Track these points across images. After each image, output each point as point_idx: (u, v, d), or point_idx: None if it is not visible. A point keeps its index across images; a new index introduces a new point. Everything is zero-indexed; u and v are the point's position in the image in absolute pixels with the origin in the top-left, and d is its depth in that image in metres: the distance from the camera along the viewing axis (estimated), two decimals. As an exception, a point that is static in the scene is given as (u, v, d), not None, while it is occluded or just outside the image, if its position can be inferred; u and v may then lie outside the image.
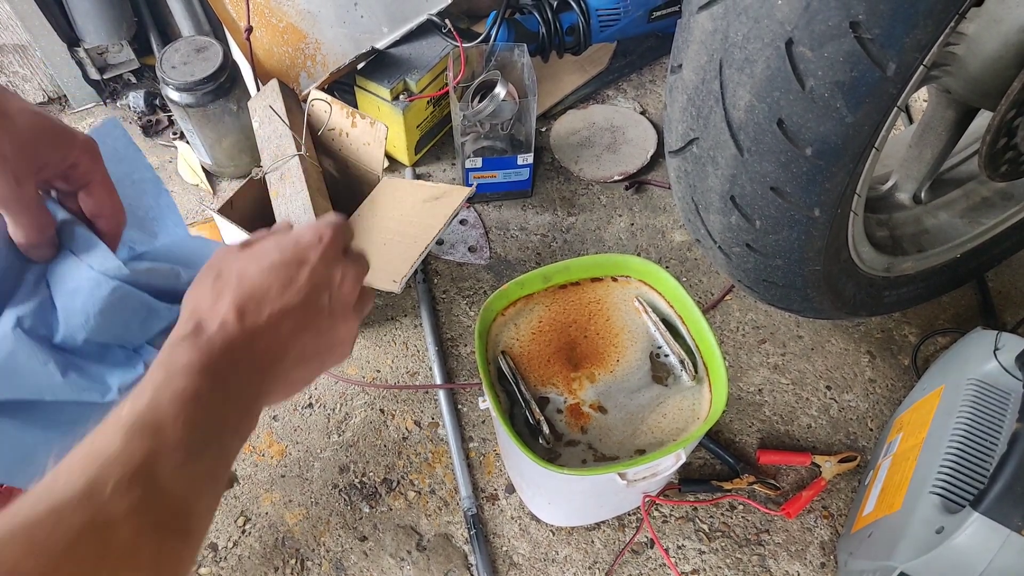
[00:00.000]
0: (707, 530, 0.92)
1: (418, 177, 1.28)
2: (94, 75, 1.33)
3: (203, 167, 1.26)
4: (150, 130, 1.31)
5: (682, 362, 0.75)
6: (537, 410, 0.73)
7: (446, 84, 1.20)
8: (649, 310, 0.78)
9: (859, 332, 1.10)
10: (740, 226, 0.77)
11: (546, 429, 0.71)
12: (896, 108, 0.63)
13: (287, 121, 1.00)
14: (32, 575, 0.27)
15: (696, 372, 0.75)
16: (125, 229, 0.51)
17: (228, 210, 1.00)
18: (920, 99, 1.41)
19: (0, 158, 0.41)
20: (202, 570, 0.88)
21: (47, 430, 0.47)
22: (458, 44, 1.13)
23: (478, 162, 1.16)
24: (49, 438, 0.47)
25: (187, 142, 1.27)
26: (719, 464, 0.97)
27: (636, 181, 1.26)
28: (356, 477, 0.95)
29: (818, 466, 0.95)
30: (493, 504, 0.93)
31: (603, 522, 0.92)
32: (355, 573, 0.88)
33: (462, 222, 1.20)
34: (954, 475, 0.74)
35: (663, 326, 0.78)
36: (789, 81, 0.62)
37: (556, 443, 0.72)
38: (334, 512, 0.92)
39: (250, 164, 1.22)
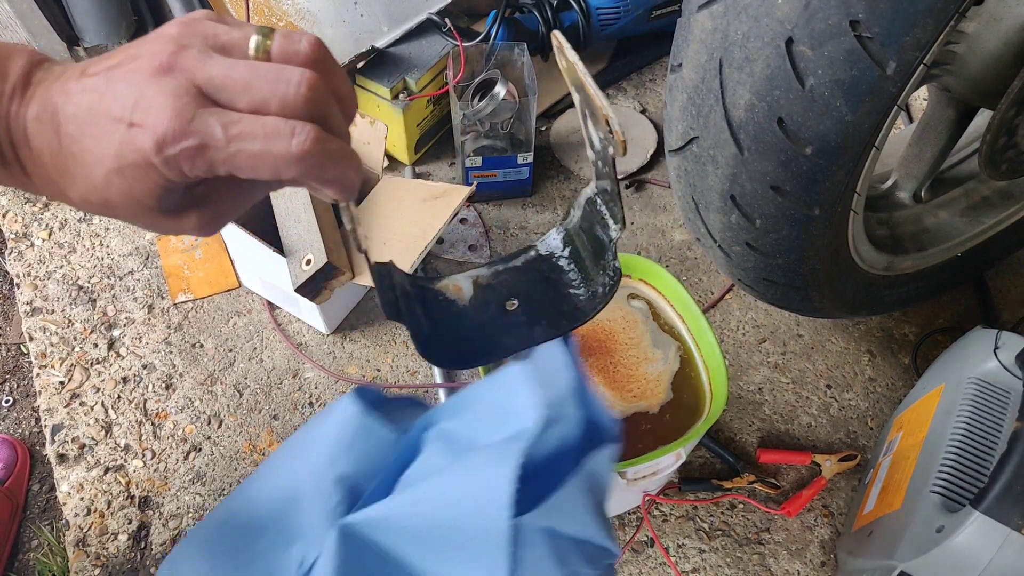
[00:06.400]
0: (707, 529, 0.92)
1: (418, 176, 1.28)
2: (94, 74, 1.33)
3: (203, 166, 1.26)
4: (150, 129, 1.31)
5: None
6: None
7: (446, 83, 1.20)
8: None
9: (859, 331, 1.10)
10: (740, 225, 0.77)
11: (546, 428, 0.71)
12: (896, 107, 0.63)
13: (287, 120, 1.00)
14: None
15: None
16: None
17: (228, 209, 1.00)
18: (920, 98, 1.41)
19: None
20: (202, 569, 0.88)
21: None
22: (458, 43, 1.12)
23: (478, 161, 1.16)
24: None
25: (187, 141, 1.27)
26: (719, 463, 0.97)
27: (636, 180, 1.26)
28: (356, 476, 0.95)
29: (818, 465, 0.95)
30: (493, 503, 0.93)
31: (603, 521, 0.92)
32: (355, 572, 0.88)
33: (462, 221, 1.20)
34: (954, 474, 0.74)
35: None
36: (789, 80, 0.62)
37: (556, 442, 0.72)
38: (334, 511, 0.92)
39: (250, 163, 1.22)
